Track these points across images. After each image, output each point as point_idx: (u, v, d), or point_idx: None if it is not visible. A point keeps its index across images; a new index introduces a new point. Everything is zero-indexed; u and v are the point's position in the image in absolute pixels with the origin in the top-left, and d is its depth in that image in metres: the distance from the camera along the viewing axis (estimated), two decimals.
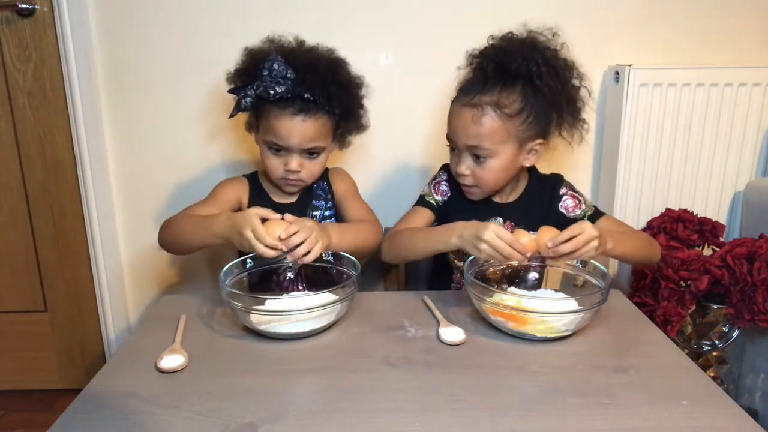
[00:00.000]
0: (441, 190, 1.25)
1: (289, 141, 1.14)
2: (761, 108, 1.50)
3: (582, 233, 0.97)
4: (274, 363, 0.85)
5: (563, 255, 0.97)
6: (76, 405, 0.75)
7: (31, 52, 1.44)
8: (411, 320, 0.98)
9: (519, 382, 0.79)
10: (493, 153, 1.11)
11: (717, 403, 0.74)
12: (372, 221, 1.24)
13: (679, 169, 1.53)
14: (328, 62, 1.16)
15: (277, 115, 1.12)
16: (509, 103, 1.09)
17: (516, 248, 0.97)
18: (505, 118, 1.09)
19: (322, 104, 1.13)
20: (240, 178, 1.29)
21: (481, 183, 1.15)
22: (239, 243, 0.99)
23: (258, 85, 1.11)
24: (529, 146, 1.14)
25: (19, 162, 1.52)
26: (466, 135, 1.11)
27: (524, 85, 1.09)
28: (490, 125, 1.09)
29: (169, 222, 1.15)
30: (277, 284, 1.14)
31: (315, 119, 1.14)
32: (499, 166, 1.12)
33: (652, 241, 1.19)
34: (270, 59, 1.10)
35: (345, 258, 1.05)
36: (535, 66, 1.08)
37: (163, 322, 0.97)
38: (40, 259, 1.60)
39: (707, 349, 1.38)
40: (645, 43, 1.52)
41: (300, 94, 1.11)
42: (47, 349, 1.67)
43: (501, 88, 1.09)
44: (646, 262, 1.18)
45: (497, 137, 1.09)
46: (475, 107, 1.09)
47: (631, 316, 1.01)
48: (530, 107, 1.10)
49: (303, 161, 1.18)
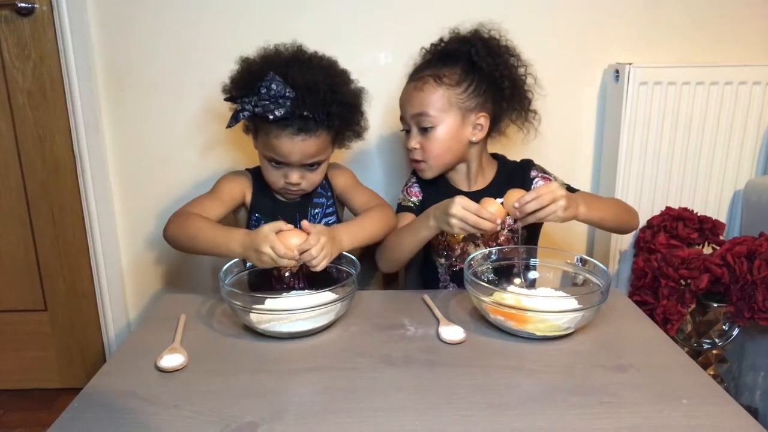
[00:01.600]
0: (413, 191, 1.29)
1: (289, 159, 1.14)
2: (761, 106, 1.50)
3: (548, 192, 0.99)
4: (274, 362, 0.85)
5: (529, 214, 0.99)
6: (76, 404, 0.75)
7: (31, 51, 1.44)
8: (411, 319, 0.98)
9: (519, 381, 0.79)
10: (436, 120, 1.18)
11: (717, 401, 0.74)
12: (380, 204, 1.24)
13: (679, 167, 1.53)
14: (329, 81, 1.12)
15: (277, 135, 1.11)
16: (449, 74, 1.18)
17: (483, 216, 0.99)
18: (444, 86, 1.17)
19: (321, 121, 1.12)
20: (243, 173, 1.28)
21: (429, 156, 1.21)
22: (257, 259, 0.98)
23: (256, 103, 1.08)
24: (473, 119, 1.20)
25: (19, 162, 1.52)
26: (410, 105, 1.20)
27: (464, 62, 1.19)
28: (430, 92, 1.17)
29: (179, 219, 1.12)
30: (278, 279, 1.14)
31: (315, 137, 1.13)
32: (444, 136, 1.19)
33: (628, 206, 1.21)
34: (268, 79, 1.07)
35: (345, 257, 1.06)
36: (473, 46, 1.18)
37: (163, 322, 0.97)
38: (40, 259, 1.60)
39: (707, 347, 1.38)
40: (645, 41, 1.52)
41: (299, 114, 1.09)
42: (47, 349, 1.67)
43: (442, 65, 1.19)
44: (623, 227, 1.19)
45: (438, 104, 1.17)
46: (417, 80, 1.20)
47: (631, 315, 1.01)
48: (470, 80, 1.18)
49: (303, 173, 1.17)
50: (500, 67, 1.19)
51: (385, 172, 1.58)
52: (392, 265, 1.21)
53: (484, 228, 1.00)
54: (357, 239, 1.10)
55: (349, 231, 1.10)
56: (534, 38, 1.36)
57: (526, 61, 1.24)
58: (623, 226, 1.19)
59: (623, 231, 1.23)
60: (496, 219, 1.00)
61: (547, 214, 0.99)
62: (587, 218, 1.07)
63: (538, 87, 1.26)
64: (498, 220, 1.00)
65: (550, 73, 1.37)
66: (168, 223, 1.13)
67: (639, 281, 1.39)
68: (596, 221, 1.10)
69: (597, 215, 1.09)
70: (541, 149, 1.47)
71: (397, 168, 1.56)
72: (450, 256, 1.25)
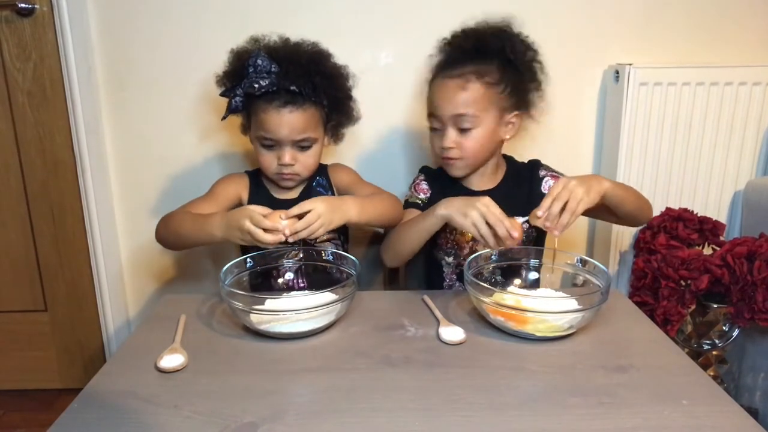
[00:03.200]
0: (422, 188, 1.29)
1: (278, 133, 1.15)
2: (761, 107, 1.50)
3: (558, 187, 0.98)
4: (274, 363, 0.85)
5: (557, 217, 0.98)
6: (76, 404, 0.75)
7: (31, 52, 1.44)
8: (411, 320, 0.98)
9: (519, 381, 0.79)
10: (478, 121, 1.15)
11: (717, 402, 0.74)
12: (387, 192, 1.25)
13: (679, 168, 1.53)
14: (311, 54, 1.17)
15: (264, 109, 1.14)
16: (490, 72, 1.15)
17: (505, 221, 0.98)
18: (487, 85, 1.15)
19: (308, 95, 1.14)
20: (240, 175, 1.29)
21: (466, 154, 1.18)
22: (240, 237, 1.00)
23: (244, 83, 1.12)
24: (507, 117, 1.19)
25: (19, 162, 1.52)
26: (452, 104, 1.15)
27: (500, 59, 1.16)
28: (475, 91, 1.14)
29: (166, 218, 1.16)
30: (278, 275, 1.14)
31: (302, 110, 1.15)
32: (483, 135, 1.17)
33: (643, 195, 1.19)
34: (254, 56, 1.11)
35: (345, 258, 1.05)
36: (508, 41, 1.16)
37: (163, 322, 0.97)
38: (40, 259, 1.60)
39: (707, 348, 1.38)
40: (645, 42, 1.52)
41: (285, 86, 1.12)
42: (47, 349, 1.67)
43: (479, 61, 1.16)
44: (641, 213, 1.16)
45: (481, 104, 1.14)
46: (459, 77, 1.15)
47: (631, 316, 1.01)
48: (507, 78, 1.16)
49: (295, 154, 1.18)
50: (531, 64, 1.19)
51: (384, 170, 1.58)
52: (397, 257, 1.20)
53: (500, 232, 0.98)
54: (365, 213, 1.10)
55: (357, 203, 1.10)
56: (534, 38, 1.36)
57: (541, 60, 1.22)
58: (641, 212, 1.16)
59: (640, 218, 1.18)
60: (513, 232, 0.98)
61: (577, 205, 0.98)
62: (614, 192, 1.05)
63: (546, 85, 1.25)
64: (515, 234, 0.98)
65: (550, 73, 1.37)
66: (158, 225, 1.17)
67: (639, 282, 1.39)
68: (620, 198, 1.07)
69: (620, 191, 1.07)
70: (541, 149, 1.47)
71: (397, 167, 1.56)
72: (458, 255, 1.25)
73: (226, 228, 1.02)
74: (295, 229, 0.99)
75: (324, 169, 1.31)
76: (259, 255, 1.07)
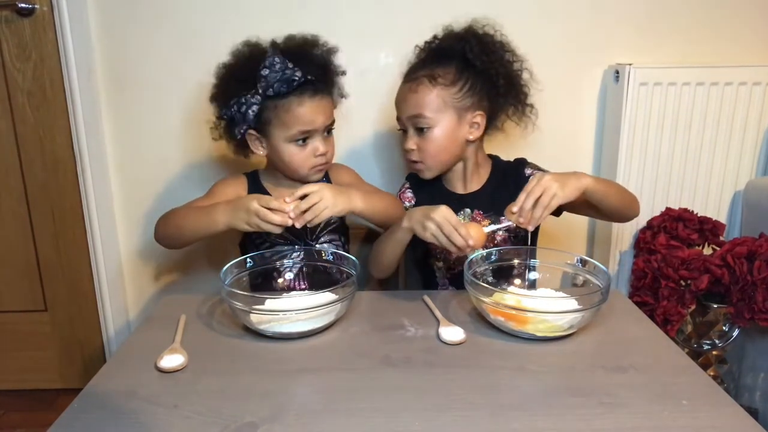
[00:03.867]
0: (407, 197, 1.30)
1: (316, 122, 1.15)
2: (761, 107, 1.50)
3: (532, 184, 1.00)
4: (274, 363, 0.85)
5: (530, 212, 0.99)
6: (76, 404, 0.75)
7: (31, 52, 1.44)
8: (411, 320, 0.98)
9: (519, 381, 0.79)
10: (433, 122, 1.17)
11: (717, 402, 0.74)
12: (389, 193, 1.26)
13: (679, 168, 1.53)
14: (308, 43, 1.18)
15: (300, 102, 1.12)
16: (444, 74, 1.16)
17: (460, 232, 0.99)
18: (439, 87, 1.16)
19: (322, 81, 1.16)
20: (238, 177, 1.28)
21: (426, 155, 1.20)
22: (245, 220, 1.00)
23: (266, 86, 1.10)
24: (469, 118, 1.19)
25: (19, 162, 1.52)
26: (406, 106, 1.19)
27: (459, 60, 1.18)
28: (425, 93, 1.16)
29: (166, 216, 1.16)
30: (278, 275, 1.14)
31: (327, 95, 1.17)
32: (440, 137, 1.18)
33: (628, 190, 1.18)
34: (269, 57, 1.10)
35: (345, 258, 1.06)
36: (467, 44, 1.18)
37: (163, 322, 0.97)
38: (40, 259, 1.60)
39: (707, 348, 1.38)
40: (645, 42, 1.52)
41: (307, 79, 1.12)
42: (47, 349, 1.67)
43: (437, 65, 1.18)
44: (626, 208, 1.16)
45: (434, 105, 1.16)
46: (412, 80, 1.19)
47: (631, 316, 1.01)
48: (465, 78, 1.17)
49: (326, 141, 1.19)
50: (495, 63, 1.18)
51: (383, 172, 1.58)
52: (381, 270, 1.21)
53: (455, 241, 0.99)
54: (370, 204, 1.11)
55: (361, 194, 1.11)
56: (534, 38, 1.36)
57: (521, 56, 1.23)
58: (626, 207, 1.15)
59: (626, 214, 1.18)
60: (468, 240, 0.99)
61: (550, 200, 0.99)
62: (595, 188, 1.05)
63: (534, 82, 1.25)
64: (470, 242, 0.99)
65: (550, 74, 1.37)
66: (156, 224, 1.17)
67: (639, 282, 1.39)
68: (602, 193, 1.07)
69: (602, 187, 1.07)
70: (541, 149, 1.47)
71: (396, 167, 1.56)
72: (447, 260, 1.26)
73: (232, 212, 1.02)
74: (300, 209, 0.99)
75: None
76: (259, 255, 1.07)
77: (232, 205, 1.03)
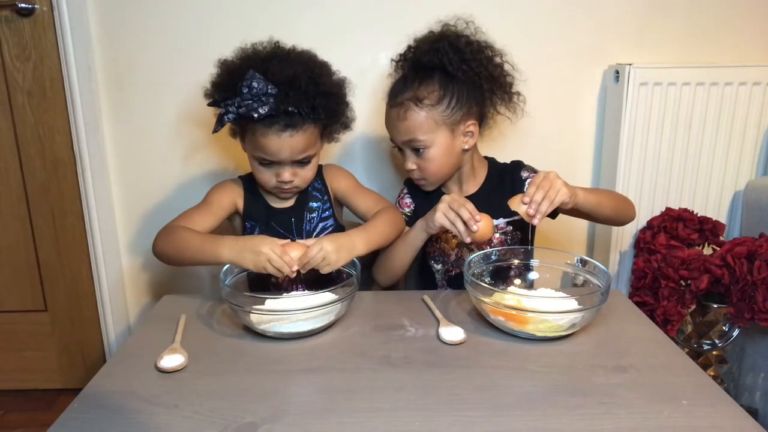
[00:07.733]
0: (405, 203, 1.30)
1: (279, 156, 1.12)
2: (761, 107, 1.50)
3: (540, 179, 1.02)
4: (274, 363, 0.85)
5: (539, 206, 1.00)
6: (76, 404, 0.75)
7: (31, 52, 1.44)
8: (411, 320, 0.98)
9: (519, 381, 0.79)
10: (428, 143, 1.16)
11: (717, 402, 0.74)
12: (388, 206, 1.23)
13: (680, 168, 1.53)
14: (309, 73, 1.11)
15: (263, 133, 1.09)
16: (428, 94, 1.15)
17: (468, 208, 1.03)
18: (427, 108, 1.15)
19: (307, 115, 1.10)
20: (234, 181, 1.26)
21: (427, 173, 1.20)
22: (252, 260, 0.98)
23: (240, 104, 1.07)
24: (462, 129, 1.18)
25: (19, 162, 1.52)
26: (398, 132, 1.19)
27: (440, 74, 1.16)
28: (414, 119, 1.15)
29: (165, 233, 1.11)
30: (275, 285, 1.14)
31: (303, 131, 1.11)
32: (438, 154, 1.18)
33: (623, 196, 1.21)
34: (248, 78, 1.06)
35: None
36: (444, 55, 1.15)
37: (163, 322, 0.97)
38: (40, 259, 1.60)
39: (707, 348, 1.38)
40: (645, 42, 1.52)
41: (284, 109, 1.07)
42: (47, 349, 1.67)
43: (419, 83, 1.16)
44: (620, 215, 1.18)
45: (425, 127, 1.15)
46: (398, 106, 1.17)
47: (631, 316, 1.01)
48: (450, 93, 1.15)
49: (295, 170, 1.15)
50: (476, 69, 1.16)
51: (381, 173, 1.58)
52: (390, 277, 1.21)
53: (463, 215, 1.02)
54: (372, 242, 1.10)
55: (363, 236, 1.09)
56: (534, 39, 1.37)
57: (500, 49, 1.21)
58: (621, 214, 1.17)
59: (621, 220, 1.20)
60: (477, 216, 1.02)
61: (556, 195, 1.01)
62: (586, 199, 1.07)
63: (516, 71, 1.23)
64: (478, 218, 1.02)
65: (550, 74, 1.37)
66: (155, 238, 1.12)
67: (639, 282, 1.39)
68: (594, 204, 1.09)
69: (594, 197, 1.09)
70: (541, 150, 1.47)
71: (397, 168, 1.56)
72: (446, 262, 1.26)
73: (239, 251, 1.00)
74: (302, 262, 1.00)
75: (319, 170, 1.27)
76: None
77: (241, 244, 1.01)
